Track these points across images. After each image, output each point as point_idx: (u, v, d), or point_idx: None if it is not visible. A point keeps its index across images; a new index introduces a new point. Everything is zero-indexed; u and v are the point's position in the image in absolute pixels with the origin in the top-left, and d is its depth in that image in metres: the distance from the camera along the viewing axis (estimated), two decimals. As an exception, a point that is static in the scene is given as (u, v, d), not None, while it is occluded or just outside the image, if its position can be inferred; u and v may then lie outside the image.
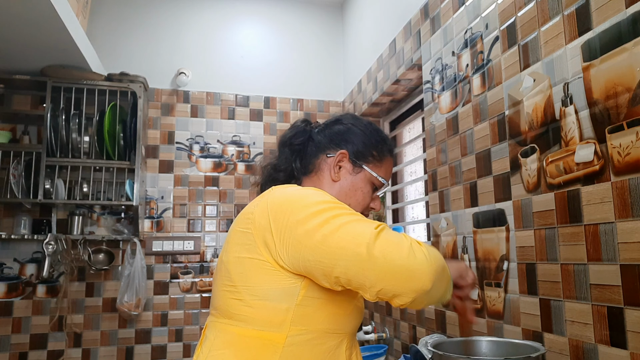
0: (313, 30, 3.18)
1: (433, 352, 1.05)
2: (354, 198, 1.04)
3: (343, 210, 0.85)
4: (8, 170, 2.36)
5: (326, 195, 0.90)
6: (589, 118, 1.05)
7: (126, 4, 2.90)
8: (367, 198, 1.05)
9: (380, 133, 1.10)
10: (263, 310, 0.85)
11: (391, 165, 1.10)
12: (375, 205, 1.08)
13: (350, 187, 1.04)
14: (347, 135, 1.06)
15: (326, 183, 1.04)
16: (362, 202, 1.04)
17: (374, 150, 1.06)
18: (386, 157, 1.08)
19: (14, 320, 2.48)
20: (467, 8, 1.57)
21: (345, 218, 0.82)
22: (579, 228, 1.07)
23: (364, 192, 1.05)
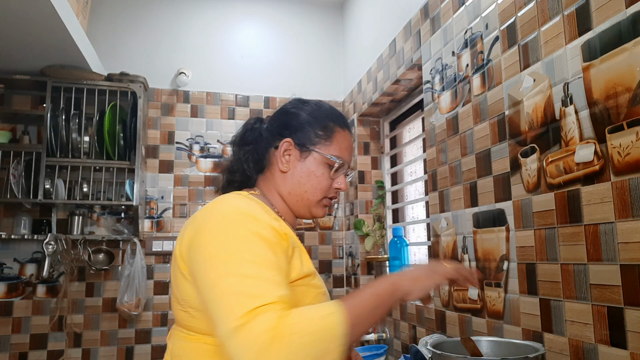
0: (313, 30, 3.18)
1: (433, 352, 1.05)
2: (308, 184, 0.99)
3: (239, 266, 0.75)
4: (8, 170, 2.36)
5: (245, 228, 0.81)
6: (589, 118, 1.05)
7: (126, 4, 2.90)
8: (325, 181, 0.99)
9: (326, 109, 1.05)
10: (204, 319, 0.84)
11: (346, 140, 1.03)
12: (340, 186, 1.02)
13: (302, 174, 0.99)
14: (290, 122, 1.02)
15: (277, 177, 1.01)
16: (320, 186, 0.99)
17: (319, 130, 1.01)
18: (336, 133, 1.02)
19: (14, 320, 2.48)
20: (467, 8, 1.57)
21: (230, 282, 0.74)
22: (579, 228, 1.07)
23: (319, 176, 0.99)
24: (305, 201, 1.00)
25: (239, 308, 0.70)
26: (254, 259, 0.76)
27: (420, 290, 0.83)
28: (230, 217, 0.82)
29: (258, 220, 0.82)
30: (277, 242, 0.82)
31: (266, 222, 0.83)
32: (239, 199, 0.89)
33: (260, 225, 0.81)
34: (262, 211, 0.87)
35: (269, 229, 0.82)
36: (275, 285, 0.74)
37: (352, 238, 2.81)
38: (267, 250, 0.78)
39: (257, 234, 0.79)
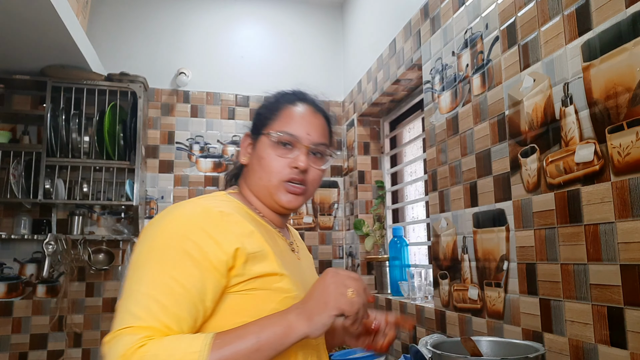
0: (313, 30, 3.18)
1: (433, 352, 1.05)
2: (260, 170, 0.93)
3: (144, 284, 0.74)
4: (8, 170, 2.36)
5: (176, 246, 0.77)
6: (589, 118, 1.05)
7: (126, 4, 2.90)
8: (277, 160, 0.92)
9: (279, 93, 1.01)
10: None
11: (296, 113, 0.96)
12: (297, 164, 0.92)
13: (255, 161, 0.95)
14: (253, 118, 1.02)
15: (246, 172, 0.99)
16: (274, 167, 0.92)
17: (264, 112, 0.98)
18: (282, 110, 0.96)
19: (14, 320, 2.48)
20: (467, 8, 1.57)
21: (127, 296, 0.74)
22: (579, 228, 1.07)
23: (270, 156, 0.92)
24: (264, 190, 0.94)
25: (116, 323, 0.71)
26: (163, 280, 0.73)
27: (319, 329, 0.73)
28: (168, 231, 0.79)
29: (200, 234, 0.78)
30: (213, 257, 0.76)
31: (209, 236, 0.78)
32: (199, 204, 0.84)
33: (199, 240, 0.77)
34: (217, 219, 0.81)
35: (209, 244, 0.77)
36: (163, 311, 0.71)
37: (352, 238, 2.81)
38: (185, 274, 0.74)
39: (185, 254, 0.76)
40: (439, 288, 1.71)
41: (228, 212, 0.83)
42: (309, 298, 0.76)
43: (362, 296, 0.75)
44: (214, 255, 0.77)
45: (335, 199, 3.02)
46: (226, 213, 0.83)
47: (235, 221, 0.83)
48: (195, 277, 0.75)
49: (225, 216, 0.82)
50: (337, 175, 3.05)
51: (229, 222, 0.82)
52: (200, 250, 0.76)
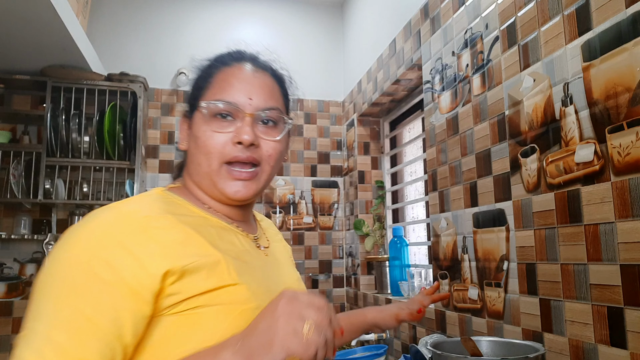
0: (313, 30, 3.18)
1: (433, 352, 1.05)
2: (201, 151, 0.75)
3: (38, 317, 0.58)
4: (8, 170, 2.36)
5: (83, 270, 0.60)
6: (589, 118, 1.05)
7: (126, 4, 2.90)
8: (214, 137, 0.74)
9: (208, 58, 0.86)
10: None
11: (228, 77, 0.78)
12: (241, 137, 0.73)
13: (191, 144, 0.78)
14: None
15: (186, 161, 0.81)
16: (212, 146, 0.74)
17: (197, 81, 0.81)
18: (215, 74, 0.80)
19: (14, 320, 2.48)
20: (467, 8, 1.57)
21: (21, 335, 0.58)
22: (579, 228, 1.07)
23: (206, 134, 0.74)
24: (206, 177, 0.76)
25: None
26: (63, 314, 0.57)
27: None
28: (74, 248, 0.62)
29: (115, 250, 0.61)
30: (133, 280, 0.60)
31: (128, 252, 0.61)
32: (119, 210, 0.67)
33: (113, 258, 0.60)
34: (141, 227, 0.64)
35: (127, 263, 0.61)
36: (61, 355, 0.55)
37: (352, 238, 2.81)
38: (93, 304, 0.58)
39: (94, 278, 0.59)
40: (439, 288, 1.71)
41: (157, 216, 0.67)
42: (252, 331, 0.59)
43: (323, 333, 0.57)
44: (133, 277, 0.60)
45: (335, 199, 3.02)
46: (155, 217, 0.66)
47: (167, 226, 0.66)
48: (106, 307, 0.58)
49: (153, 222, 0.66)
50: (337, 175, 3.05)
51: (158, 229, 0.65)
52: (114, 271, 0.60)
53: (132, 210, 0.67)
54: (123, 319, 0.59)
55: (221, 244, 0.72)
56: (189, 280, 0.64)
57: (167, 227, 0.66)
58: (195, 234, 0.69)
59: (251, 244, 0.81)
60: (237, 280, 0.68)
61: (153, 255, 0.62)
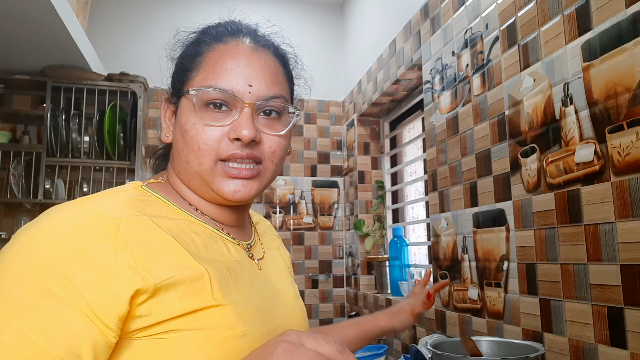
0: (313, 30, 3.19)
1: (433, 352, 1.05)
2: (190, 147, 0.62)
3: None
4: (8, 170, 2.36)
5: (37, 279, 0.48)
6: (589, 118, 1.05)
7: (126, 4, 2.90)
8: (207, 131, 0.62)
9: (198, 29, 0.74)
10: None
11: (223, 57, 0.65)
12: (239, 133, 0.61)
13: (179, 136, 0.64)
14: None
15: (171, 153, 0.70)
16: (204, 142, 0.62)
17: (183, 60, 0.69)
18: (203, 53, 0.67)
19: (14, 320, 2.48)
20: (467, 8, 1.57)
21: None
22: (579, 228, 1.07)
23: (197, 127, 0.62)
24: (196, 177, 0.64)
25: None
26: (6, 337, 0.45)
27: None
28: (23, 255, 0.50)
29: (74, 259, 0.50)
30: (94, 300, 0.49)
31: (90, 263, 0.50)
32: (84, 208, 0.55)
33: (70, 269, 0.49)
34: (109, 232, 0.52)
35: (87, 277, 0.49)
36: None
37: (352, 238, 2.81)
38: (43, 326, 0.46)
39: (45, 293, 0.48)
40: (439, 288, 1.71)
41: (129, 218, 0.55)
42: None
43: None
44: (96, 297, 0.49)
45: (335, 199, 3.02)
46: (126, 220, 0.54)
47: (141, 232, 0.55)
48: (60, 332, 0.47)
49: (123, 225, 0.54)
50: (337, 175, 3.05)
51: (129, 235, 0.53)
52: (73, 287, 0.48)
53: (99, 210, 0.54)
54: (81, 347, 0.47)
55: (206, 255, 0.60)
56: (162, 299, 0.53)
57: (139, 232, 0.55)
58: (175, 242, 0.57)
59: (243, 255, 0.68)
60: (221, 301, 0.56)
61: (121, 270, 0.51)
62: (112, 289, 0.50)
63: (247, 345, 0.55)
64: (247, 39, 0.69)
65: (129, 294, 0.50)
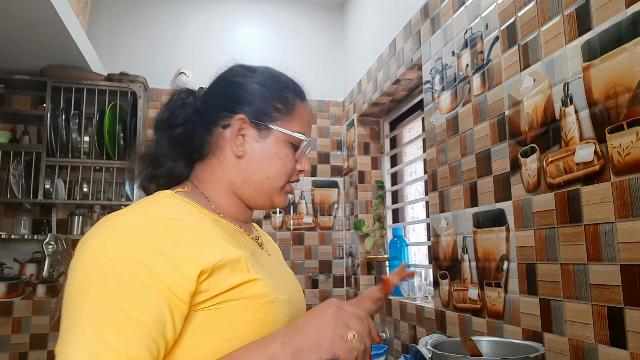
0: (313, 30, 3.18)
1: (433, 352, 1.05)
2: (271, 169, 0.83)
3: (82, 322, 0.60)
4: (8, 170, 2.36)
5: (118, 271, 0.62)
6: (589, 118, 1.05)
7: (126, 4, 2.90)
8: (289, 163, 0.84)
9: (281, 77, 0.89)
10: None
11: (306, 113, 0.88)
12: (304, 167, 0.88)
13: (263, 157, 0.83)
14: (239, 94, 0.84)
15: (229, 163, 0.83)
16: (284, 169, 0.84)
17: (277, 103, 0.84)
18: (296, 106, 0.86)
19: (14, 320, 2.48)
20: (467, 8, 1.57)
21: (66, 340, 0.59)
22: (579, 228, 1.07)
23: (282, 157, 0.83)
24: (266, 189, 0.84)
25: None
26: (110, 315, 0.60)
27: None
28: (107, 251, 0.64)
29: (149, 252, 0.64)
30: (170, 281, 0.64)
31: (161, 255, 0.64)
32: (143, 211, 0.69)
33: (149, 260, 0.63)
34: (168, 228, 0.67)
35: (162, 265, 0.64)
36: (115, 354, 0.58)
37: (352, 238, 2.81)
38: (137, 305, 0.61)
39: (133, 279, 0.62)
40: (439, 288, 1.71)
41: (180, 217, 0.70)
42: (301, 329, 0.64)
43: (364, 342, 0.64)
44: (170, 279, 0.63)
45: (335, 199, 3.02)
46: (177, 219, 0.69)
47: (190, 227, 0.70)
48: (150, 307, 0.62)
49: (177, 223, 0.68)
50: (337, 175, 3.05)
51: (183, 230, 0.68)
52: (152, 273, 0.63)
53: (156, 214, 0.69)
54: (165, 317, 0.63)
55: (237, 244, 0.77)
56: (216, 278, 0.68)
57: (190, 229, 0.69)
58: (214, 234, 0.72)
59: (255, 244, 0.86)
60: (255, 276, 0.72)
61: (184, 257, 0.65)
62: (181, 272, 0.64)
63: (277, 309, 0.74)
64: (308, 103, 0.92)
65: (196, 274, 0.65)
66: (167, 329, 0.63)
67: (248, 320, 0.70)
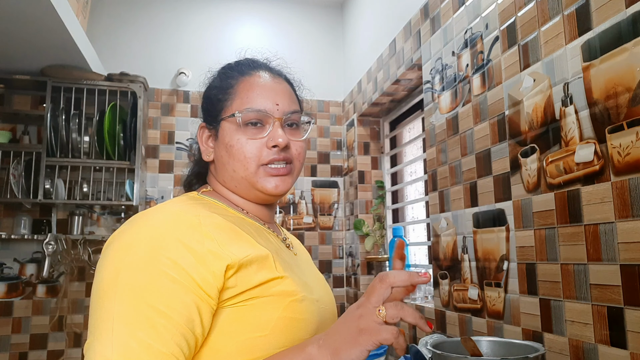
0: (313, 30, 3.18)
1: (433, 352, 1.05)
2: (237, 158, 0.80)
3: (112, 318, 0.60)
4: (8, 170, 2.36)
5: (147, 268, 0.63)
6: (589, 118, 1.05)
7: (126, 4, 2.90)
8: (250, 144, 0.79)
9: (226, 66, 0.89)
10: None
11: (255, 85, 0.82)
12: (274, 140, 0.79)
13: (222, 152, 0.81)
14: (202, 104, 0.89)
15: (212, 170, 0.87)
16: (248, 152, 0.79)
17: (219, 95, 0.84)
18: (235, 86, 0.83)
19: (14, 320, 2.48)
20: (467, 8, 1.57)
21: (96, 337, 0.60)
22: (579, 228, 1.07)
23: (235, 144, 0.80)
24: (242, 181, 0.81)
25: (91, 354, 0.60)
26: (140, 311, 0.60)
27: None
28: (135, 248, 0.65)
29: (177, 248, 0.64)
30: (198, 277, 0.64)
31: (189, 251, 0.65)
32: (169, 210, 0.71)
33: (177, 256, 0.64)
34: (194, 226, 0.68)
35: (190, 260, 0.64)
36: (146, 351, 0.58)
37: (352, 238, 2.81)
38: (166, 301, 0.61)
39: (162, 275, 0.62)
40: (439, 288, 1.71)
41: (206, 215, 0.71)
42: (334, 331, 0.64)
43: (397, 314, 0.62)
44: (198, 274, 0.64)
45: (335, 199, 3.02)
46: (204, 216, 0.70)
47: (217, 225, 0.70)
48: (179, 303, 0.62)
49: (204, 220, 0.69)
50: (337, 175, 3.05)
51: (210, 227, 0.69)
52: (181, 269, 0.63)
53: (182, 211, 0.70)
54: (194, 313, 0.63)
55: (263, 241, 0.77)
56: (243, 274, 0.68)
57: (216, 225, 0.70)
58: (241, 231, 0.73)
59: (282, 244, 0.86)
60: (283, 274, 0.72)
61: (211, 253, 0.65)
62: (208, 267, 0.64)
63: (305, 308, 0.72)
64: (264, 71, 0.86)
65: (222, 270, 0.65)
66: (196, 324, 0.63)
67: (276, 318, 0.69)
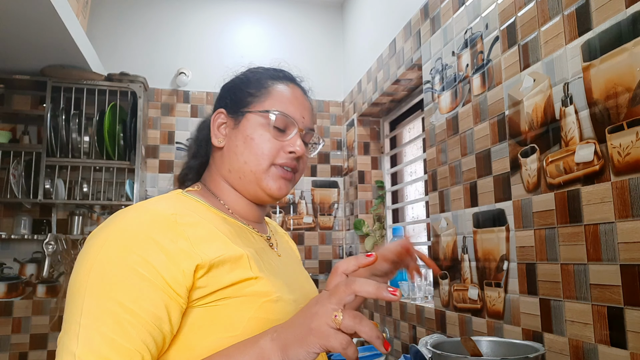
0: (313, 30, 3.18)
1: (433, 352, 1.05)
2: (246, 152, 0.81)
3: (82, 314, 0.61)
4: (8, 170, 2.36)
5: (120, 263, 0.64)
6: (589, 118, 1.05)
7: (126, 4, 2.90)
8: (266, 142, 0.81)
9: (260, 68, 0.92)
10: None
11: (288, 93, 0.86)
12: (293, 147, 0.82)
13: (238, 141, 0.83)
14: (222, 94, 0.91)
15: (217, 157, 0.87)
16: (267, 150, 0.81)
17: (251, 89, 0.86)
18: (271, 88, 0.86)
19: (14, 320, 2.48)
20: (467, 8, 1.57)
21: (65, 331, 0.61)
22: (579, 228, 1.07)
23: (256, 138, 0.81)
24: (249, 175, 0.82)
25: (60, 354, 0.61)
26: (106, 307, 0.61)
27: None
28: (107, 245, 0.65)
29: (149, 245, 0.65)
30: (168, 275, 0.64)
31: (160, 249, 0.65)
32: (146, 208, 0.71)
33: (147, 253, 0.64)
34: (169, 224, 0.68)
35: (161, 258, 0.64)
36: (109, 346, 0.59)
37: (352, 238, 2.81)
38: (133, 297, 0.62)
39: (131, 271, 0.63)
40: (439, 288, 1.71)
41: (184, 214, 0.71)
42: (289, 324, 0.62)
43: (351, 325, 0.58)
44: (168, 272, 0.64)
45: (335, 199, 3.02)
46: (181, 215, 0.71)
47: (193, 223, 0.71)
48: (147, 300, 0.62)
49: (180, 218, 0.70)
50: (337, 175, 3.05)
51: (185, 226, 0.69)
52: (151, 267, 0.63)
53: (159, 209, 0.70)
54: (162, 311, 0.63)
55: (240, 241, 0.76)
56: (214, 274, 0.68)
57: (192, 224, 0.70)
58: (217, 231, 0.73)
59: (265, 244, 0.86)
60: (258, 274, 0.72)
61: (183, 252, 0.66)
62: (178, 266, 0.65)
63: (280, 308, 0.72)
64: (298, 86, 0.91)
65: (192, 269, 0.65)
66: (163, 322, 0.63)
67: (248, 318, 0.69)
